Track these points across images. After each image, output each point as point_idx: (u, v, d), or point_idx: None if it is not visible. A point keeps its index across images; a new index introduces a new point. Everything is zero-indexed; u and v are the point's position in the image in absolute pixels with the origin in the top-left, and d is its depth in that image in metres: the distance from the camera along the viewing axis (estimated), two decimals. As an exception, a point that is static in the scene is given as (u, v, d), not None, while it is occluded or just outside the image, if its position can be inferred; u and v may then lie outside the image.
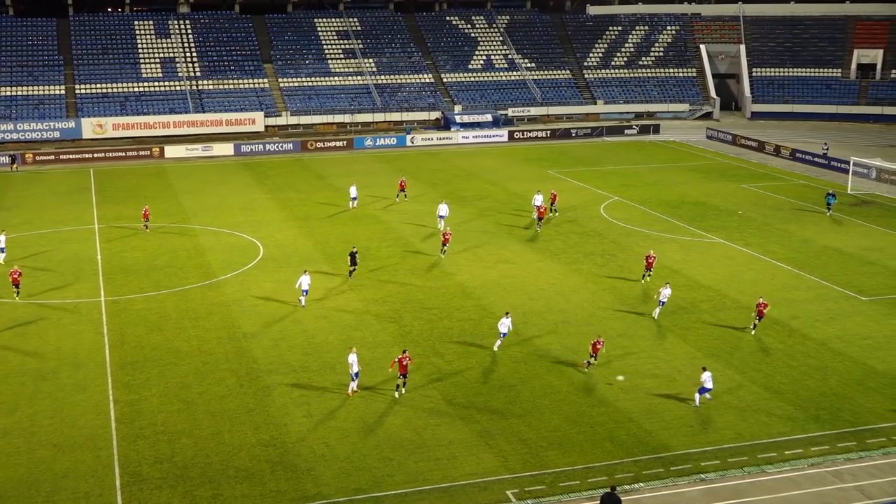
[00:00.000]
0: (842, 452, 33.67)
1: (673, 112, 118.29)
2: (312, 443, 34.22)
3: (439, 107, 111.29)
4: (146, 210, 63.58)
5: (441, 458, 33.14)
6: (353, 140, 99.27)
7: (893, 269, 55.01)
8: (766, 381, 39.56)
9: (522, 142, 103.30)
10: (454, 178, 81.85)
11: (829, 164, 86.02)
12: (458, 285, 51.83)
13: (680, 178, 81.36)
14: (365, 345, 43.00)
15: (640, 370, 40.56)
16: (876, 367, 41.01)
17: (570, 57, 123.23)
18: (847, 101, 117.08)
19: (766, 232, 62.95)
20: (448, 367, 40.87)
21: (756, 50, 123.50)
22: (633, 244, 59.94)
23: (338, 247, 59.32)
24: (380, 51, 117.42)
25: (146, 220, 62.99)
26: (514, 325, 45.19)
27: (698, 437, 34.75)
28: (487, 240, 60.74)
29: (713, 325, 45.95)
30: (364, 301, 49.13)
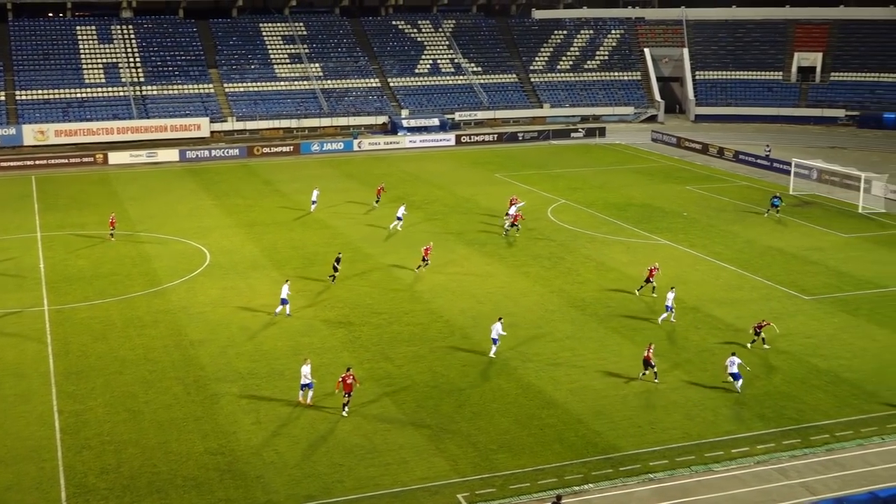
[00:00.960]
0: (787, 450, 34.14)
1: (618, 115, 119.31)
2: (261, 450, 33.97)
3: (386, 111, 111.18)
4: (113, 218, 62.81)
5: (391, 463, 33.07)
6: (299, 145, 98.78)
7: (835, 268, 55.93)
8: (712, 380, 39.97)
9: (470, 146, 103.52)
10: (402, 182, 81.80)
11: (772, 166, 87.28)
12: (407, 289, 51.79)
13: (626, 180, 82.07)
14: (314, 350, 42.79)
15: (588, 372, 40.80)
16: (818, 365, 41.65)
17: (516, 61, 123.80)
18: (788, 103, 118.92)
19: (711, 233, 63.70)
20: (398, 371, 40.81)
21: (699, 53, 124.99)
22: (581, 247, 60.33)
23: (285, 252, 59.00)
24: (326, 55, 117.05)
25: (112, 228, 62.17)
26: (462, 329, 45.34)
27: (647, 437, 35.04)
28: (435, 244, 60.73)
29: (660, 325, 46.34)
30: (313, 306, 48.88)
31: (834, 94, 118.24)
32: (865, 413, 36.97)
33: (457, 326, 46.20)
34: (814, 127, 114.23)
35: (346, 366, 39.27)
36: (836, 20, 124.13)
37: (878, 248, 60.64)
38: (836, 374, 40.59)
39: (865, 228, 65.81)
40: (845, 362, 41.89)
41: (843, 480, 31.96)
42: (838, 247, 60.81)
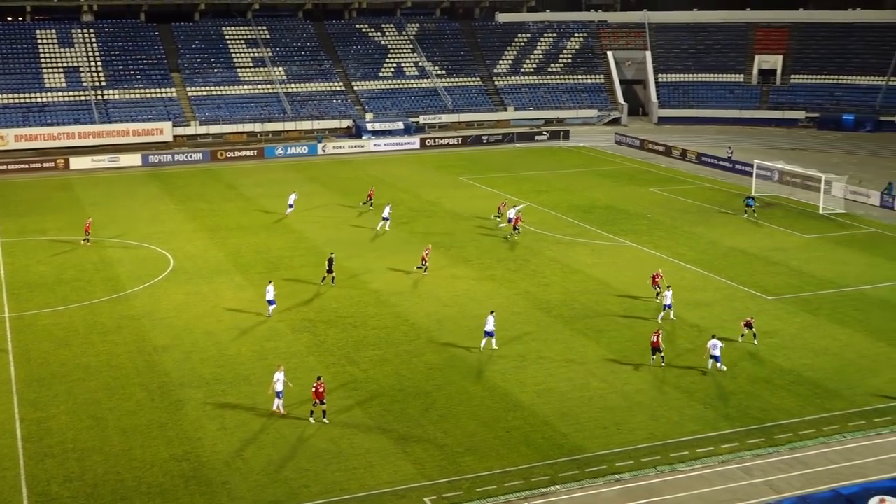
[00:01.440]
0: (751, 449, 34.41)
1: (582, 118, 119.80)
2: (227, 456, 33.75)
3: (350, 115, 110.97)
4: (88, 223, 62.42)
5: (358, 468, 32.98)
6: (263, 149, 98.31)
7: (796, 268, 56.48)
8: (676, 381, 40.24)
9: (434, 149, 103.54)
10: (367, 185, 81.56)
11: (734, 168, 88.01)
12: (372, 293, 51.70)
13: (590, 182, 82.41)
14: (279, 355, 42.61)
15: (554, 374, 40.91)
16: (781, 364, 42.03)
17: (480, 64, 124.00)
18: (749, 105, 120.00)
19: (675, 234, 64.11)
20: (364, 375, 40.72)
21: (661, 56, 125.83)
22: (546, 249, 60.51)
23: (249, 257, 58.71)
24: (289, 59, 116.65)
25: (87, 233, 61.70)
26: (428, 332, 45.35)
27: (612, 438, 35.18)
28: (401, 247, 60.70)
29: (625, 327, 46.60)
30: (277, 311, 48.65)
31: (794, 96, 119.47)
32: (828, 412, 37.35)
33: (422, 329, 46.18)
34: (775, 129, 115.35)
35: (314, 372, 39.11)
36: (795, 23, 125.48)
37: (839, 248, 61.32)
38: (799, 374, 40.97)
39: (826, 229, 66.52)
40: (808, 361, 42.30)
41: (806, 479, 32.26)
42: (800, 247, 61.42)
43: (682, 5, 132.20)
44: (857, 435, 35.50)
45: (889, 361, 42.33)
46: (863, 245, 62.12)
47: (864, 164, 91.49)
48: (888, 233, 65.58)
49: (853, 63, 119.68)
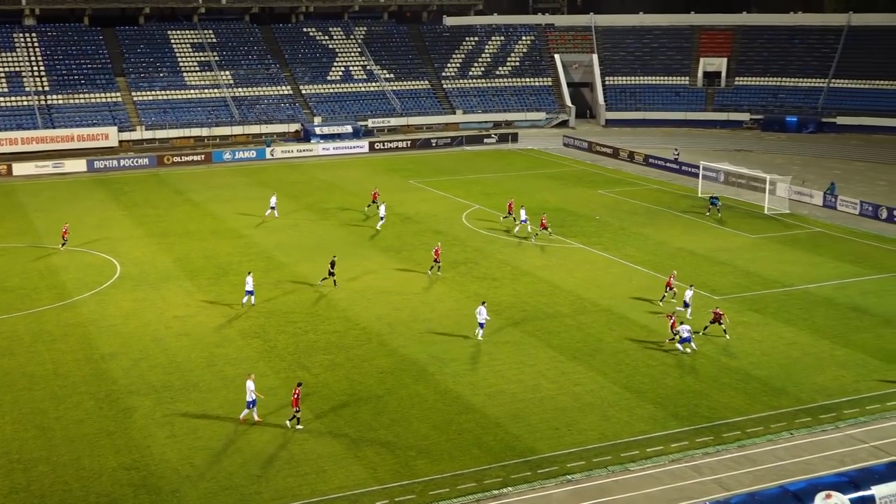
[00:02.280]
0: (700, 447, 34.78)
1: (530, 120, 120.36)
2: (177, 464, 33.42)
3: (299, 119, 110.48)
4: (66, 228, 62.04)
5: (310, 473, 32.83)
6: (211, 154, 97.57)
7: (743, 268, 57.19)
8: (626, 381, 40.56)
9: (383, 152, 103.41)
10: (315, 190, 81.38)
11: (681, 169, 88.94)
12: (322, 297, 51.49)
13: (539, 185, 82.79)
14: (229, 361, 42.33)
15: (505, 376, 41.04)
16: (729, 363, 42.53)
17: (428, 67, 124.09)
18: (695, 107, 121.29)
19: (623, 236, 64.61)
20: (314, 380, 40.54)
21: (608, 59, 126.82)
22: (496, 251, 60.68)
23: (198, 262, 58.21)
24: (236, 63, 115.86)
25: (64, 238, 61.42)
26: (379, 336, 45.30)
27: (564, 439, 35.37)
28: (351, 251, 60.54)
29: (575, 328, 46.87)
30: (227, 317, 48.31)
31: (739, 98, 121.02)
32: (775, 409, 37.87)
33: (373, 333, 46.09)
34: (720, 130, 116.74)
35: (264, 378, 38.82)
36: (739, 26, 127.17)
37: (783, 248, 62.21)
38: (747, 372, 41.49)
39: (771, 229, 67.46)
40: (755, 360, 42.85)
41: (754, 476, 32.67)
42: (746, 247, 62.22)
43: (628, 9, 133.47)
44: (803, 431, 36.04)
45: (833, 359, 43.03)
46: (806, 245, 63.09)
47: (808, 164, 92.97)
48: (831, 232, 66.67)
49: (795, 65, 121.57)
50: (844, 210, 73.08)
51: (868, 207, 71.60)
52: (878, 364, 42.42)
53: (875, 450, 34.50)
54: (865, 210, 71.64)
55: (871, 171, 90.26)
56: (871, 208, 71.39)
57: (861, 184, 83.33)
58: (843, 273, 56.28)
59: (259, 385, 39.60)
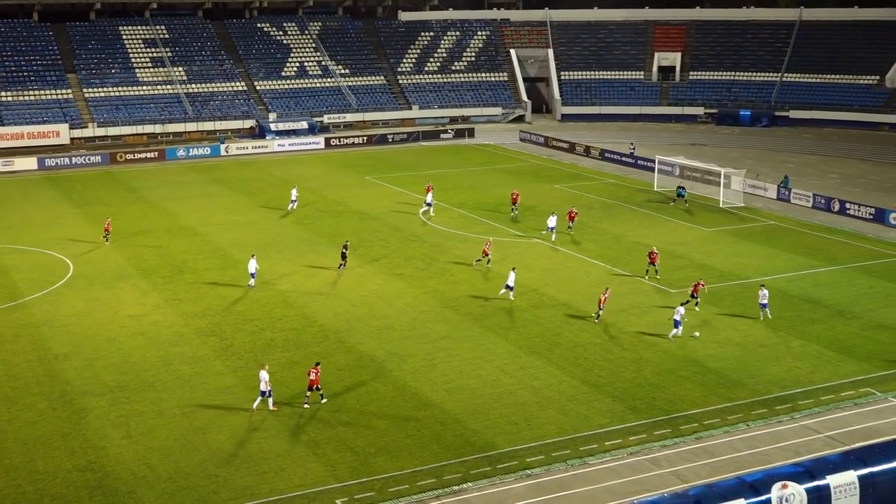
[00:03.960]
0: (658, 440, 35.06)
1: (486, 116, 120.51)
2: (133, 464, 33.10)
3: (253, 115, 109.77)
4: (108, 223, 63.00)
5: (268, 472, 32.66)
6: (164, 151, 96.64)
7: (699, 261, 57.69)
8: (585, 375, 40.77)
9: (339, 148, 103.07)
10: (271, 187, 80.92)
11: (637, 164, 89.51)
12: (279, 295, 51.25)
13: (496, 180, 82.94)
14: (185, 360, 42.00)
15: (464, 371, 41.09)
16: (686, 356, 42.90)
17: (383, 63, 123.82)
18: (650, 102, 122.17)
19: (580, 230, 64.87)
20: (272, 378, 40.18)
21: (563, 54, 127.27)
22: (454, 247, 60.72)
23: (153, 261, 57.66)
24: (189, 59, 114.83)
25: (107, 232, 62.28)
26: (337, 333, 45.23)
27: (523, 433, 35.48)
28: (308, 248, 60.29)
29: (533, 322, 47.03)
30: (182, 315, 47.92)
31: (693, 92, 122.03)
32: (731, 401, 38.26)
33: (331, 330, 45.96)
34: (675, 125, 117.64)
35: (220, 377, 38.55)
36: (693, 21, 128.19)
37: (738, 241, 62.83)
38: (703, 365, 41.87)
39: (726, 222, 68.10)
40: (711, 353, 43.26)
41: (711, 467, 32.99)
42: (701, 240, 62.78)
43: (583, 3, 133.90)
44: (759, 423, 36.46)
45: (788, 350, 43.56)
46: (761, 237, 63.78)
47: (761, 158, 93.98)
48: (785, 225, 67.45)
49: (748, 60, 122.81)
50: (798, 203, 73.96)
51: (821, 200, 72.53)
52: (832, 355, 43.01)
53: (829, 440, 34.99)
54: (818, 203, 72.57)
55: (823, 165, 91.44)
56: (823, 201, 72.32)
57: (814, 177, 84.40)
58: (797, 265, 56.98)
59: (216, 384, 39.43)
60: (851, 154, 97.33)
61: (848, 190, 78.46)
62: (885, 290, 52.27)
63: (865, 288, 52.79)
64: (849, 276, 55.09)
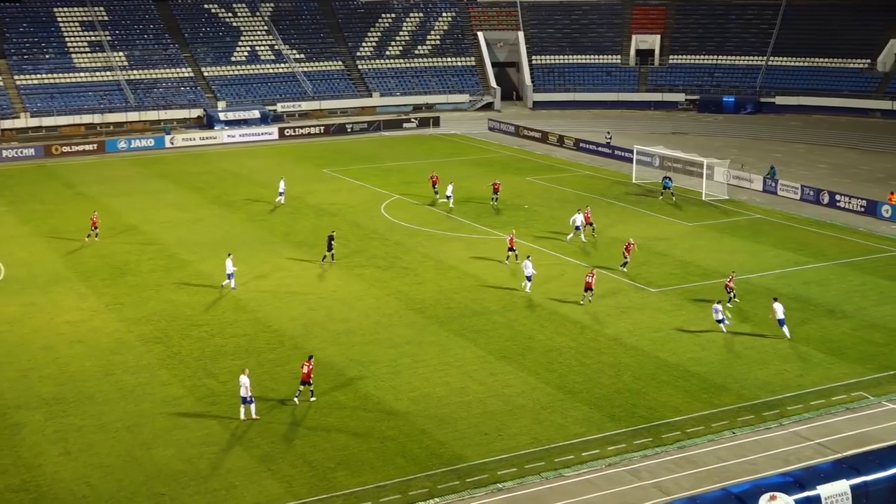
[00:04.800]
0: (638, 450, 35.20)
1: (453, 103, 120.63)
2: (71, 483, 32.81)
3: (201, 103, 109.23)
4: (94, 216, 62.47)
5: (219, 489, 32.49)
6: (104, 142, 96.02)
7: (681, 259, 58.03)
8: (559, 381, 40.87)
9: (294, 139, 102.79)
10: (220, 181, 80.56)
11: (613, 154, 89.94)
12: (230, 298, 51.01)
13: (463, 172, 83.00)
14: (128, 370, 41.71)
15: (430, 379, 41.07)
16: (667, 359, 43.12)
17: (341, 47, 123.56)
18: (628, 87, 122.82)
19: (554, 225, 65.04)
20: (222, 388, 40.10)
21: (535, 37, 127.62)
22: (418, 245, 60.70)
23: (92, 263, 57.23)
24: (131, 43, 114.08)
25: (95, 227, 61.86)
26: (293, 338, 45.08)
27: (494, 444, 35.51)
28: (260, 247, 60.07)
29: (504, 325, 47.09)
30: (125, 321, 47.58)
31: (673, 77, 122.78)
32: (716, 407, 38.49)
33: (287, 336, 45.81)
34: (654, 112, 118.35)
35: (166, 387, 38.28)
36: (673, 1, 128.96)
37: (722, 235, 63.28)
38: (685, 369, 42.11)
39: (709, 216, 68.57)
40: (693, 356, 43.51)
41: (695, 478, 33.17)
42: (683, 236, 63.16)
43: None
44: (746, 430, 36.70)
45: (776, 352, 43.89)
46: (747, 232, 64.27)
47: (746, 147, 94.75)
48: (771, 219, 68.02)
49: (732, 42, 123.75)
50: (785, 195, 74.63)
51: (809, 192, 73.20)
52: (821, 357, 43.39)
53: (821, 447, 35.29)
54: (807, 195, 73.23)
55: (811, 154, 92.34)
56: (812, 193, 72.99)
57: (802, 167, 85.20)
58: (785, 262, 57.46)
59: (162, 395, 39.18)
60: (841, 142, 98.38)
61: (838, 181, 79.26)
62: (878, 288, 52.84)
63: (857, 285, 53.33)
64: (839, 272, 55.62)
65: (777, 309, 45.27)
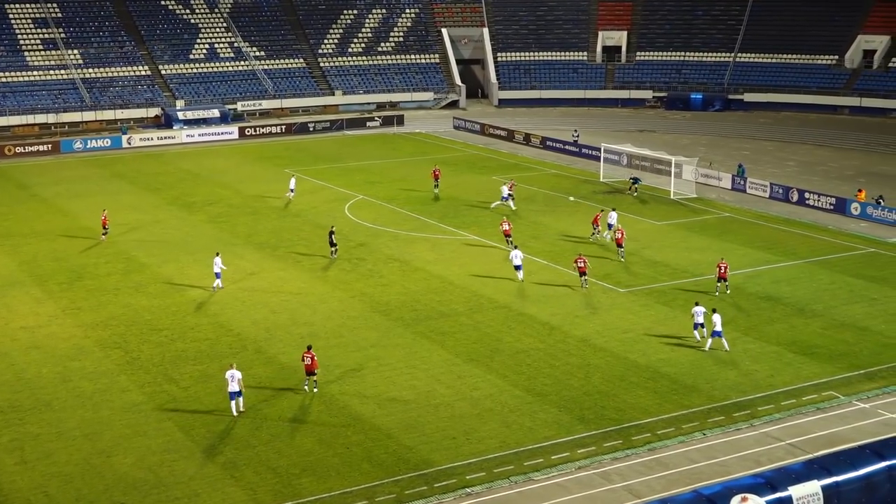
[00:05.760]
0: (608, 452, 35.37)
1: (417, 101, 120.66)
2: (28, 493, 32.55)
3: (158, 102, 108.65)
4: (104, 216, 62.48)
5: (181, 498, 32.35)
6: (59, 143, 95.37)
7: (649, 258, 58.35)
8: (528, 383, 41.00)
9: (255, 138, 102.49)
10: (179, 181, 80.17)
11: (581, 152, 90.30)
12: (190, 302, 50.78)
13: (429, 171, 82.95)
14: (86, 376, 41.43)
15: (396, 382, 41.08)
16: (637, 360, 43.36)
17: (303, 44, 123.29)
18: (594, 85, 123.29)
19: (520, 225, 65.20)
20: (184, 394, 39.94)
21: (500, 34, 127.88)
22: (382, 246, 60.68)
23: (47, 266, 56.80)
24: (86, 40, 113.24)
25: (105, 227, 61.97)
26: (256, 342, 44.97)
27: (462, 448, 35.58)
28: (222, 249, 59.71)
29: (471, 327, 47.17)
30: (82, 326, 47.25)
31: (640, 74, 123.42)
32: (686, 408, 38.75)
33: (249, 340, 45.66)
34: (621, 109, 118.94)
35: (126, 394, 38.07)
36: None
37: (692, 235, 63.71)
38: (655, 370, 42.36)
39: (678, 215, 69.01)
40: (664, 356, 43.77)
41: (667, 480, 33.39)
42: (652, 235, 63.51)
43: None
44: (716, 431, 36.98)
45: (746, 352, 44.23)
46: (716, 231, 64.74)
47: (714, 144, 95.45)
48: (740, 217, 68.55)
49: (699, 39, 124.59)
50: (754, 193, 75.25)
51: (778, 190, 73.85)
52: (791, 356, 43.77)
53: (791, 447, 35.62)
54: (776, 193, 73.88)
55: (780, 151, 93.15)
56: (781, 191, 73.64)
57: (770, 165, 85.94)
58: (754, 260, 57.93)
59: (121, 401, 38.98)
60: (810, 139, 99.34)
61: (807, 178, 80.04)
62: (848, 286, 53.39)
63: (826, 284, 53.86)
64: (809, 271, 56.16)
65: (716, 321, 44.34)
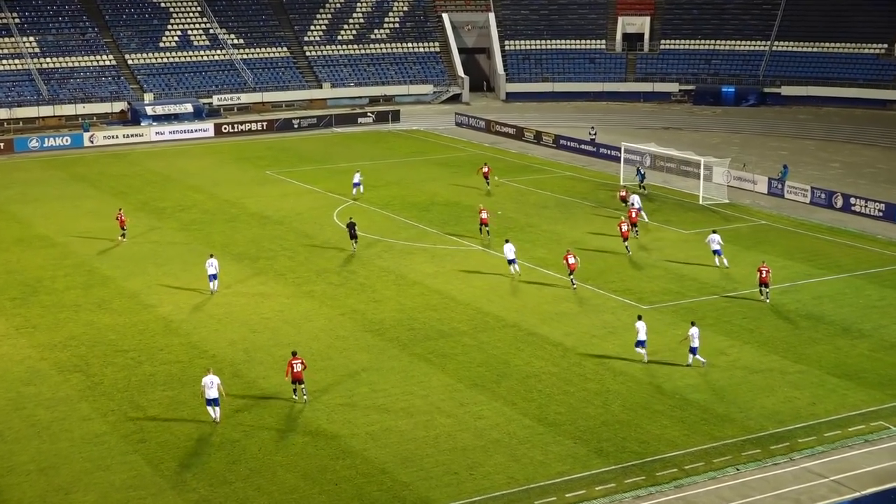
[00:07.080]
0: (630, 489, 35.26)
1: (415, 95, 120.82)
2: (-23, 535, 32.53)
3: (124, 96, 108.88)
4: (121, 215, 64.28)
5: (149, 540, 32.32)
6: (12, 141, 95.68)
7: (675, 271, 58.29)
8: (539, 412, 40.91)
9: (233, 136, 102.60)
10: (147, 184, 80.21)
11: (598, 152, 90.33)
12: (159, 320, 50.76)
13: (427, 174, 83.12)
14: (42, 403, 41.39)
15: (391, 410, 41.03)
16: (662, 385, 43.27)
17: (287, 31, 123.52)
18: (614, 77, 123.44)
19: (531, 234, 65.23)
20: (152, 424, 39.89)
21: (508, 19, 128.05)
22: (376, 257, 60.69)
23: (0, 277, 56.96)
24: (43, 26, 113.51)
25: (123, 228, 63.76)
26: (234, 365, 44.95)
27: (465, 485, 35.48)
28: (194, 260, 59.80)
29: (475, 349, 47.11)
30: (38, 347, 47.23)
31: (665, 65, 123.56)
32: (717, 440, 38.63)
33: (226, 362, 45.62)
34: (644, 104, 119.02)
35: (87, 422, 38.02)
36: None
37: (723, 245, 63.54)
38: (683, 397, 42.26)
39: (708, 223, 68.92)
40: (692, 382, 43.67)
41: (695, 521, 33.34)
42: (678, 245, 63.47)
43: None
44: (751, 466, 36.87)
45: (784, 377, 44.15)
46: (750, 240, 64.68)
47: (748, 144, 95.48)
48: (778, 225, 68.53)
49: (731, 25, 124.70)
50: (793, 198, 75.20)
51: (820, 195, 73.81)
52: (836, 382, 43.67)
53: (836, 485, 35.51)
54: (817, 198, 73.85)
55: (822, 152, 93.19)
56: (823, 196, 73.61)
57: (811, 166, 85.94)
58: (794, 274, 57.87)
59: (81, 431, 38.90)
60: (855, 138, 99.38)
61: (852, 182, 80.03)
62: (899, 303, 53.38)
63: (875, 300, 53.79)
64: (855, 285, 56.10)
65: (693, 335, 44.49)
